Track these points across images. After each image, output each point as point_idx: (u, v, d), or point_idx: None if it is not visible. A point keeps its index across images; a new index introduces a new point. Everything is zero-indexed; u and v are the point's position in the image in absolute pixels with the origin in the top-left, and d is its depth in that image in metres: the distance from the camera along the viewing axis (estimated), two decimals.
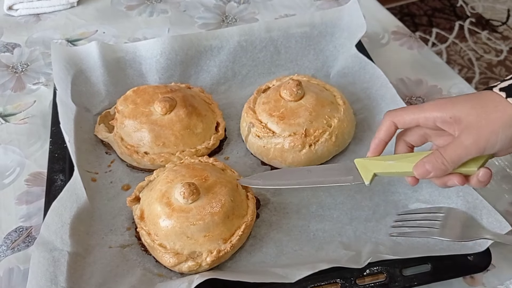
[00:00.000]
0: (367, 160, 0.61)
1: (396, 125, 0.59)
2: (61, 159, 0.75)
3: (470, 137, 0.53)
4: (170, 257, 0.62)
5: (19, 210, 0.73)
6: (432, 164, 0.55)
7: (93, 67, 0.84)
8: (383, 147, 0.61)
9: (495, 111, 0.52)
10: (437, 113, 0.55)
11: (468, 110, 0.53)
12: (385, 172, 0.60)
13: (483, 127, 0.52)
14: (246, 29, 0.88)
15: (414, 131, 0.60)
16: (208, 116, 0.79)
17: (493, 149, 0.53)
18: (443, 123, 0.55)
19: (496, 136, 0.52)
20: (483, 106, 0.53)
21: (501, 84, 0.54)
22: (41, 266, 0.59)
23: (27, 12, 1.09)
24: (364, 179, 0.60)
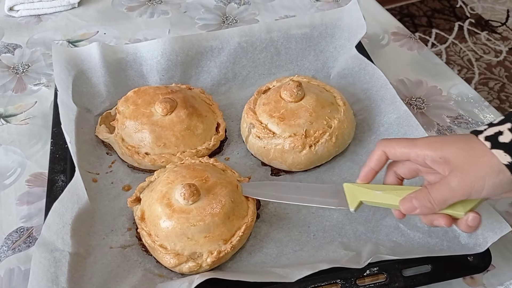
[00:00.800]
0: (355, 186, 0.60)
1: (387, 156, 0.58)
2: (62, 159, 0.75)
3: (456, 180, 0.52)
4: (170, 258, 0.62)
5: (20, 210, 0.73)
6: (419, 201, 0.54)
7: (94, 68, 0.84)
8: (373, 176, 0.60)
9: (482, 156, 0.51)
10: (428, 151, 0.54)
11: (456, 152, 0.53)
12: (371, 202, 0.58)
13: (469, 171, 0.51)
14: (246, 30, 0.89)
15: (405, 164, 0.59)
16: (208, 117, 0.80)
17: (480, 194, 0.52)
18: (433, 162, 0.54)
19: (482, 182, 0.51)
20: (470, 149, 0.52)
21: (486, 131, 0.53)
22: (42, 267, 0.59)
23: (28, 13, 1.09)
24: (350, 205, 0.59)
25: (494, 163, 0.51)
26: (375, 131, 0.79)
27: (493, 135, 0.52)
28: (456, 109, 0.87)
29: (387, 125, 0.78)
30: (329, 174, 0.76)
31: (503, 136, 0.51)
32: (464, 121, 0.85)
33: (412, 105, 0.88)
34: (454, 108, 0.87)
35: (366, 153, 0.78)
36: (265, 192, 0.67)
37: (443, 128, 0.84)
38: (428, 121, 0.85)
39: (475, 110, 0.87)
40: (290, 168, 0.75)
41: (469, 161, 0.52)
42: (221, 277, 0.58)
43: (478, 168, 0.51)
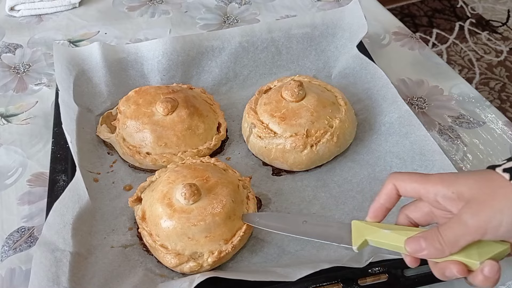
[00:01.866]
0: (364, 223, 0.54)
1: (398, 190, 0.52)
2: (63, 159, 0.75)
3: (469, 213, 0.46)
4: (171, 257, 0.62)
5: (21, 210, 0.73)
6: (427, 241, 0.48)
7: (95, 68, 0.84)
8: (384, 213, 0.53)
9: (500, 187, 0.46)
10: (439, 186, 0.48)
11: (471, 184, 0.47)
12: (377, 241, 0.52)
13: (485, 202, 0.46)
14: (247, 30, 0.88)
15: (418, 206, 0.52)
16: (209, 117, 0.79)
17: (497, 231, 0.45)
18: (445, 199, 0.48)
19: (500, 216, 0.44)
20: (488, 181, 0.47)
21: (505, 164, 0.48)
22: (43, 267, 0.59)
23: (28, 13, 1.09)
24: (353, 242, 0.53)
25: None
26: (376, 130, 0.79)
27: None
28: (457, 108, 0.87)
29: (389, 125, 0.78)
30: (330, 175, 0.76)
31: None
32: (466, 120, 0.85)
33: (413, 105, 0.88)
34: (456, 108, 0.87)
35: (367, 152, 0.78)
36: (271, 223, 0.63)
37: (444, 128, 0.84)
38: (430, 121, 0.85)
39: (476, 110, 0.87)
40: (291, 168, 0.75)
41: (485, 193, 0.46)
42: (222, 276, 0.58)
43: (495, 200, 0.45)
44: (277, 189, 0.74)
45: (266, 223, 0.63)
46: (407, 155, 0.73)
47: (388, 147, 0.76)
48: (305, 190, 0.74)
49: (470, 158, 0.79)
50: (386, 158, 0.76)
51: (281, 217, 0.64)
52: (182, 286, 0.58)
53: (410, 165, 0.72)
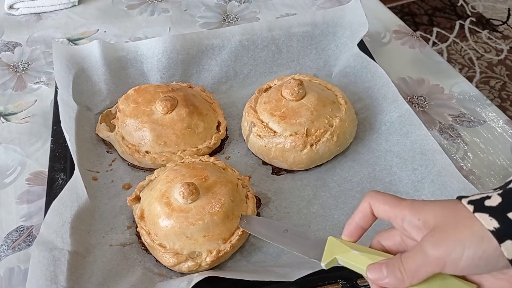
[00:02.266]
0: (339, 241, 0.52)
1: (372, 209, 0.50)
2: (62, 158, 0.75)
3: (431, 241, 0.43)
4: (169, 257, 0.62)
5: (20, 209, 0.73)
6: (389, 269, 0.46)
7: (95, 66, 0.84)
8: (359, 233, 0.51)
9: (464, 218, 0.43)
10: (407, 212, 0.46)
11: (437, 212, 0.45)
12: (346, 261, 0.51)
13: (448, 232, 0.43)
14: (247, 28, 0.88)
15: (391, 234, 0.50)
16: (209, 116, 0.79)
17: (457, 265, 0.42)
18: (411, 225, 0.46)
19: (461, 248, 0.42)
20: (453, 210, 0.44)
21: (473, 196, 0.45)
22: (41, 266, 0.59)
23: (28, 11, 1.09)
24: (323, 259, 0.52)
25: (477, 228, 0.42)
26: (377, 129, 0.79)
27: (479, 199, 0.44)
28: (458, 107, 0.87)
29: (389, 124, 0.77)
30: (330, 174, 0.75)
31: (490, 200, 0.43)
32: (466, 119, 0.85)
33: (414, 104, 0.88)
34: (456, 107, 0.87)
35: (367, 151, 0.77)
36: (257, 228, 0.63)
37: (445, 127, 0.83)
38: (430, 120, 0.85)
39: (477, 109, 0.86)
40: (291, 167, 0.75)
41: (449, 222, 0.44)
42: (220, 276, 0.58)
43: (457, 230, 0.43)
44: (277, 189, 0.74)
45: (252, 227, 0.63)
46: (408, 154, 0.73)
47: (388, 146, 0.76)
48: (304, 190, 0.73)
49: (470, 157, 0.79)
50: (387, 157, 0.75)
51: (266, 222, 0.64)
52: (180, 285, 0.58)
53: (411, 164, 0.72)
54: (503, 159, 0.78)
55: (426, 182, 0.70)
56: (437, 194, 0.68)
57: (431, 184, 0.69)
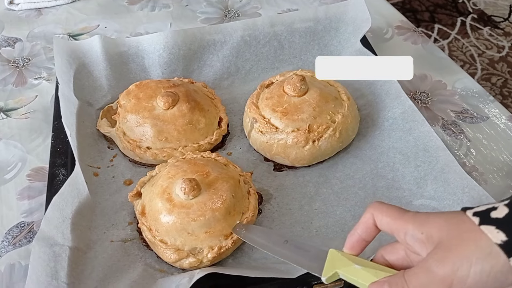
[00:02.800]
0: (340, 254, 0.51)
1: (375, 221, 0.48)
2: (63, 153, 0.75)
3: (436, 259, 0.41)
4: (171, 253, 0.62)
5: (21, 205, 0.73)
6: (391, 286, 0.44)
7: (96, 61, 0.83)
8: (361, 246, 0.50)
9: (468, 231, 0.41)
10: (410, 225, 0.44)
11: (441, 225, 0.43)
12: (347, 276, 0.49)
13: (452, 248, 0.41)
14: (249, 24, 0.88)
15: (395, 248, 0.49)
16: (211, 111, 0.79)
17: (463, 283, 0.40)
18: (414, 239, 0.44)
19: (467, 264, 0.39)
20: (457, 223, 0.42)
21: (478, 207, 0.43)
22: (41, 262, 0.58)
23: (28, 7, 1.08)
24: (324, 272, 0.50)
25: (483, 242, 0.40)
26: (379, 126, 0.78)
27: (484, 211, 0.42)
28: (461, 103, 0.86)
29: (392, 120, 0.77)
30: (332, 170, 0.75)
31: (497, 211, 0.41)
32: (469, 115, 0.84)
33: (416, 100, 0.87)
34: (459, 103, 0.87)
35: (370, 148, 0.77)
36: (255, 237, 0.61)
37: (447, 123, 0.83)
38: (433, 116, 0.84)
39: (480, 105, 0.86)
40: (293, 163, 0.74)
41: (453, 237, 0.41)
42: (222, 272, 0.58)
43: (462, 246, 0.40)
44: (279, 185, 0.73)
45: (251, 237, 0.61)
46: (411, 151, 0.73)
47: (391, 143, 0.76)
48: (306, 186, 0.73)
49: (473, 153, 0.78)
50: (389, 154, 0.75)
51: (265, 233, 0.62)
52: (181, 281, 0.57)
53: (414, 161, 0.72)
54: (506, 155, 0.78)
55: (429, 179, 0.69)
56: (440, 191, 0.68)
57: (434, 181, 0.69)
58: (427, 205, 0.68)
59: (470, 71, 2.04)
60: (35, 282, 0.57)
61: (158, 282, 0.61)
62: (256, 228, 0.64)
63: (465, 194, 0.65)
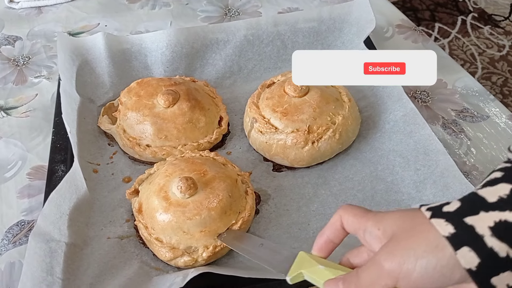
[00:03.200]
0: (308, 256, 0.51)
1: (342, 223, 0.47)
2: (63, 149, 0.75)
3: (385, 252, 0.41)
4: (166, 251, 0.62)
5: (21, 203, 0.72)
6: (345, 285, 0.44)
7: (99, 58, 0.83)
8: (329, 248, 0.49)
9: (419, 224, 0.40)
10: (370, 222, 0.44)
11: (395, 220, 0.43)
12: (310, 276, 0.49)
13: (402, 240, 0.40)
14: (253, 23, 0.87)
15: (360, 251, 0.48)
16: (211, 110, 0.79)
17: (409, 277, 0.39)
18: (372, 236, 0.44)
19: (414, 257, 0.38)
20: (411, 218, 0.42)
21: (433, 204, 0.43)
22: (37, 257, 0.58)
23: (28, 5, 1.08)
24: (290, 273, 0.50)
25: (432, 235, 0.39)
26: (380, 128, 0.78)
27: (438, 206, 0.41)
28: (461, 102, 0.86)
29: (393, 123, 0.76)
30: (331, 172, 0.74)
31: (449, 206, 0.40)
32: (470, 114, 0.84)
33: (416, 98, 0.87)
34: (459, 102, 0.86)
35: (370, 150, 0.76)
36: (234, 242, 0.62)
37: (448, 122, 0.83)
38: (433, 115, 0.84)
39: (480, 104, 0.86)
40: (292, 164, 0.74)
41: (405, 230, 0.41)
42: (216, 272, 0.58)
43: (411, 239, 0.40)
44: (277, 185, 0.73)
45: (228, 241, 0.62)
46: (411, 154, 0.72)
47: (391, 146, 0.75)
48: (305, 187, 0.73)
49: (474, 152, 0.78)
50: (389, 156, 0.74)
51: (244, 237, 0.62)
52: (175, 280, 0.57)
53: (413, 164, 0.71)
54: (506, 155, 0.77)
55: (428, 183, 0.69)
56: (439, 196, 0.67)
57: (433, 185, 0.68)
58: None
59: (471, 70, 2.04)
60: (30, 277, 0.57)
61: (153, 280, 0.61)
62: (236, 233, 0.63)
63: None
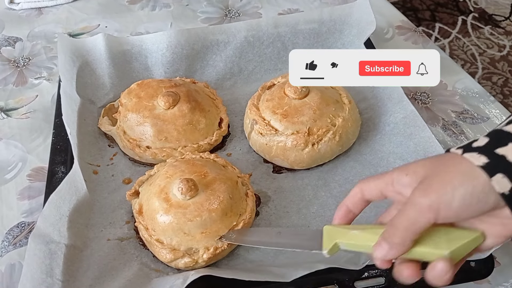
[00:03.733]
0: (335, 227, 0.51)
1: (364, 194, 0.49)
2: (63, 151, 0.75)
3: (421, 189, 0.42)
4: (166, 252, 0.62)
5: (21, 205, 0.72)
6: (387, 240, 0.44)
7: (99, 59, 0.83)
8: (350, 218, 0.51)
9: (451, 159, 0.43)
10: (396, 173, 0.46)
11: (426, 164, 0.45)
12: (348, 243, 0.49)
13: (436, 177, 0.42)
14: (253, 24, 0.87)
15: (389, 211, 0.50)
16: (211, 112, 0.79)
17: (450, 207, 0.41)
18: (400, 184, 0.45)
19: (451, 189, 0.41)
20: (442, 159, 0.44)
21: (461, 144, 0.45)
22: (36, 259, 0.58)
23: (28, 6, 1.08)
24: (324, 247, 0.50)
25: (466, 166, 0.41)
26: (380, 130, 0.78)
27: (467, 144, 0.44)
28: (461, 104, 0.86)
29: (393, 125, 0.76)
30: (331, 174, 0.74)
31: (478, 142, 0.43)
32: (470, 116, 0.84)
33: (416, 100, 0.87)
34: (460, 103, 0.86)
35: (370, 152, 0.76)
36: (249, 238, 0.62)
37: (448, 123, 0.83)
38: (433, 116, 0.84)
39: (480, 105, 0.86)
40: (292, 166, 0.74)
41: (437, 169, 0.43)
42: (216, 275, 0.57)
43: (446, 174, 0.42)
44: (277, 187, 0.73)
45: (242, 239, 0.61)
46: (411, 156, 0.72)
47: (391, 148, 0.75)
48: (305, 189, 0.73)
49: None
50: (389, 159, 0.74)
51: (256, 231, 0.63)
52: (175, 282, 0.57)
53: None
54: None
55: None
56: None
57: None
58: None
59: (471, 70, 2.04)
60: (30, 279, 0.57)
61: (153, 281, 0.61)
62: (245, 230, 0.64)
63: None
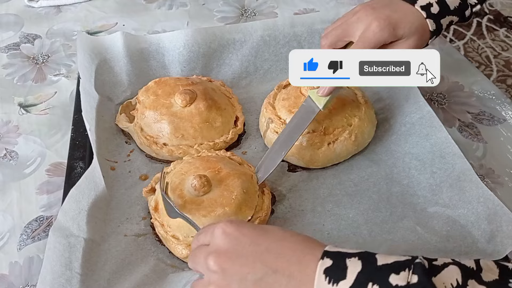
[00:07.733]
0: (313, 91, 0.70)
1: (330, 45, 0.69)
2: (81, 147, 0.76)
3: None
4: (182, 248, 0.62)
5: (40, 199, 0.73)
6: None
7: (117, 57, 0.84)
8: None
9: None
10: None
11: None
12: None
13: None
14: (269, 24, 0.88)
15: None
16: (227, 110, 0.79)
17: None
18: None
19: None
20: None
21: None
22: (56, 251, 0.59)
23: (47, 4, 1.09)
24: (318, 104, 0.69)
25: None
26: (396, 130, 0.78)
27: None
28: (478, 105, 0.86)
29: (409, 125, 0.76)
30: (347, 173, 0.74)
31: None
32: (486, 117, 0.84)
33: (433, 101, 0.87)
34: (476, 104, 0.86)
35: (386, 152, 0.76)
36: (271, 161, 0.70)
37: (464, 124, 0.82)
38: (450, 117, 0.84)
39: (497, 107, 0.85)
40: (308, 165, 0.74)
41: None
42: None
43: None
44: (292, 185, 0.73)
45: (269, 164, 0.70)
46: (427, 157, 0.72)
47: (407, 148, 0.75)
48: (320, 188, 0.73)
49: (490, 156, 0.77)
50: (405, 159, 0.74)
51: (273, 149, 0.72)
52: (192, 278, 0.58)
53: (430, 167, 0.71)
54: None
55: (444, 187, 0.69)
56: (455, 200, 0.67)
57: (450, 188, 0.68)
58: (442, 212, 0.67)
59: (486, 72, 2.02)
60: (50, 271, 0.58)
61: (169, 277, 0.62)
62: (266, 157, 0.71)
63: (480, 203, 0.64)
